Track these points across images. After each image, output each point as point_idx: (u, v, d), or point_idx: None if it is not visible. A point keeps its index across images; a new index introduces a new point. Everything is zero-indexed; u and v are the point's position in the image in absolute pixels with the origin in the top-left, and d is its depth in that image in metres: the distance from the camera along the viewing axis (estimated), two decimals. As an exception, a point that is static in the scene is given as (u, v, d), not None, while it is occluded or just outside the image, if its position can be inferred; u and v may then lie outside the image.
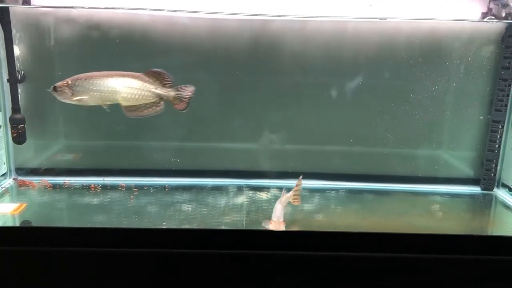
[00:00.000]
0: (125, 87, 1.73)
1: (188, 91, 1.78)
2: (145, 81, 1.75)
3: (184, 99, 1.78)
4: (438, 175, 2.20)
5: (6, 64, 1.97)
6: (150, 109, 1.78)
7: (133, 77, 1.75)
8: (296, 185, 1.78)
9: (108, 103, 1.75)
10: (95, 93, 1.73)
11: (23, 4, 1.95)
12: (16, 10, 1.95)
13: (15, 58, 1.98)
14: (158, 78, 1.77)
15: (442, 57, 2.08)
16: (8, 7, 1.94)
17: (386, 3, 1.95)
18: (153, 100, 1.77)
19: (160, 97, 1.77)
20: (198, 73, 2.07)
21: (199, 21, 2.02)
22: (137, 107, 1.77)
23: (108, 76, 1.74)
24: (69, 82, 1.72)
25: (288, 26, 2.04)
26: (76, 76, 1.74)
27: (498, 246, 1.65)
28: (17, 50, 1.99)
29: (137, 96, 1.75)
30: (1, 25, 1.93)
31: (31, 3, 1.96)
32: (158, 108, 1.78)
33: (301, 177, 1.80)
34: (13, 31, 1.96)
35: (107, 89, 1.73)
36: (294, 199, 1.78)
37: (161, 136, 2.15)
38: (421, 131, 2.15)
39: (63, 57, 2.03)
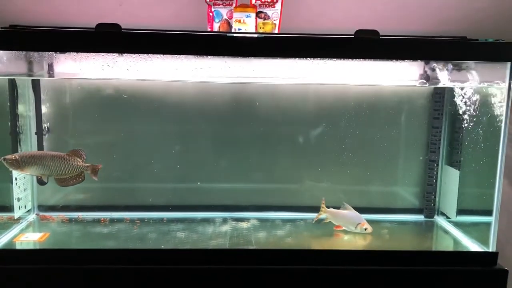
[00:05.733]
0: (56, 164, 2.19)
1: (98, 166, 2.27)
2: (69, 160, 2.20)
3: (96, 171, 2.27)
4: (389, 206, 2.65)
5: (35, 120, 2.43)
6: (74, 180, 2.25)
7: (60, 156, 2.20)
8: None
9: (46, 174, 2.22)
10: (35, 167, 2.17)
11: (48, 73, 2.39)
12: (44, 78, 2.41)
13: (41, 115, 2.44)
14: (77, 155, 2.23)
15: (387, 110, 2.57)
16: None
17: (343, 71, 2.31)
18: (76, 173, 2.24)
19: (81, 171, 2.25)
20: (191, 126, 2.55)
21: (191, 85, 2.51)
22: (65, 178, 2.23)
23: (44, 155, 2.19)
24: (16, 157, 2.14)
25: (264, 88, 2.54)
26: (22, 153, 2.19)
27: (436, 259, 2.13)
28: (43, 109, 2.45)
29: (64, 171, 2.21)
30: (33, 91, 2.41)
31: (54, 71, 2.40)
32: (80, 179, 2.26)
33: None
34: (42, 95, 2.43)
35: (43, 165, 2.17)
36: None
37: (159, 178, 2.59)
38: (373, 171, 2.62)
39: (80, 115, 2.49)
